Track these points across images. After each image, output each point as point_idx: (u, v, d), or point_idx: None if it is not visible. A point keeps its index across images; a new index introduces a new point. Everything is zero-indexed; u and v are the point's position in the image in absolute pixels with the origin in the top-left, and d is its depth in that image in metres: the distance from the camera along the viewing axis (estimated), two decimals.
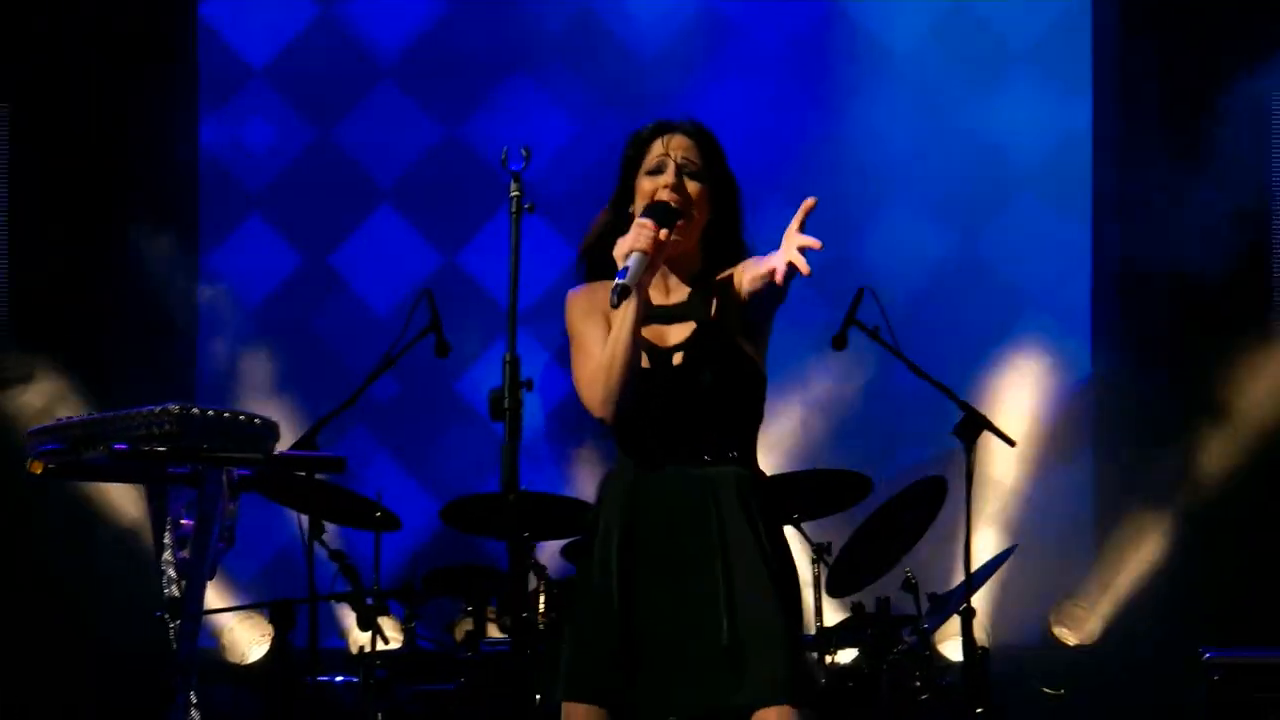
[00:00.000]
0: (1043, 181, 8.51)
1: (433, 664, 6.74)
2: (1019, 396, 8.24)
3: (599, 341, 4.10)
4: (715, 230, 4.20)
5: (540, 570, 6.59)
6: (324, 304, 8.60)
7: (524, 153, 3.94)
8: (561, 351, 8.04)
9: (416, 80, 8.74)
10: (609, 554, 4.06)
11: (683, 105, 4.38)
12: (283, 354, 8.39)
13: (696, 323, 4.14)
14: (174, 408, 4.32)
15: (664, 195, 4.10)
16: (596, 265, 4.24)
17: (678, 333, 4.14)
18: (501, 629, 6.64)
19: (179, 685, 4.40)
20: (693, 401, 4.08)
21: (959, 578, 6.31)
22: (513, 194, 3.93)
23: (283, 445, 4.69)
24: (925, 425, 7.43)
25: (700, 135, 4.21)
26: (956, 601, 6.32)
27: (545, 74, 8.63)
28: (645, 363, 4.08)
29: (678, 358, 4.10)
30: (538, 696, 4.65)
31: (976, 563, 6.29)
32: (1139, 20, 8.33)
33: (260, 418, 4.49)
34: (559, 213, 7.89)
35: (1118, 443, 8.34)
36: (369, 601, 6.39)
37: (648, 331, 4.10)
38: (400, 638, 6.74)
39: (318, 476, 6.17)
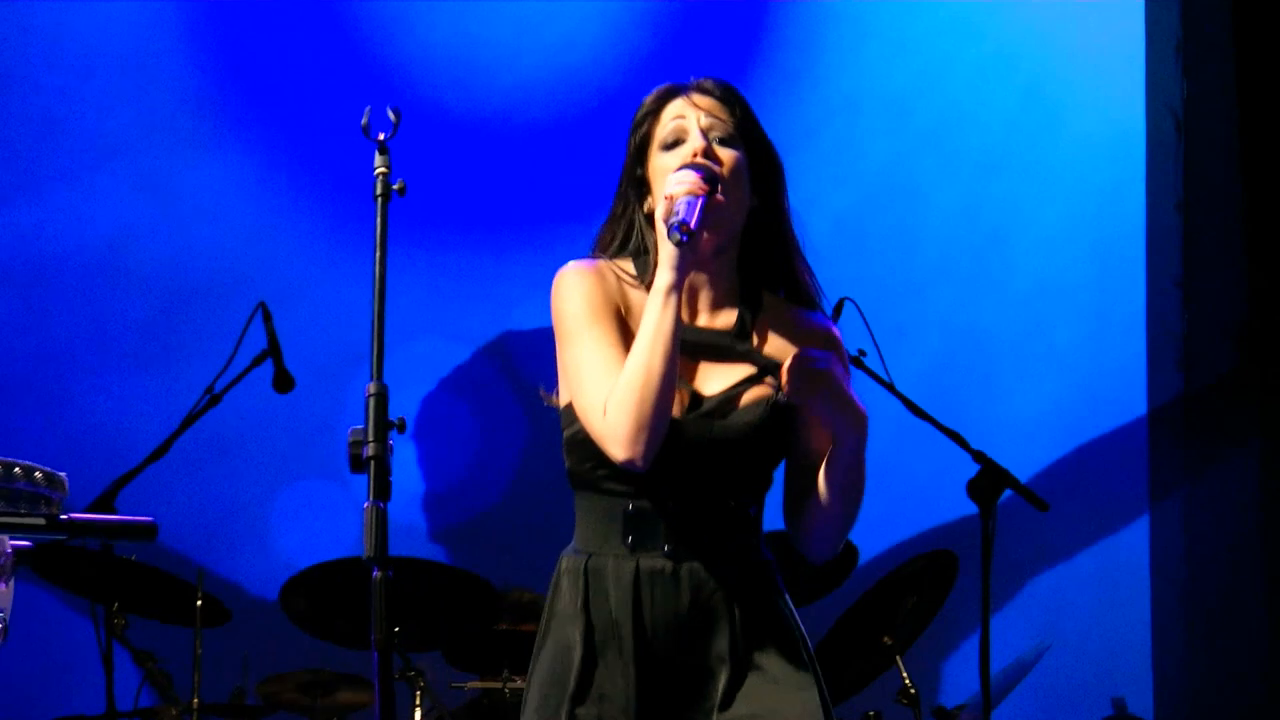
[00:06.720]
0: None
1: None
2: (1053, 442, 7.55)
3: (614, 347, 3.42)
4: (756, 227, 3.53)
5: (417, 676, 6.10)
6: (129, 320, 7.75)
7: (392, 116, 3.38)
8: (455, 380, 7.73)
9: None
10: (617, 668, 3.41)
11: None
12: (74, 392, 7.61)
13: (739, 370, 3.48)
14: None
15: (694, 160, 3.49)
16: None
17: (711, 376, 3.48)
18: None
19: None
20: (724, 475, 3.42)
21: (974, 685, 5.71)
22: (378, 170, 3.35)
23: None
24: (929, 482, 6.91)
25: (727, 94, 3.57)
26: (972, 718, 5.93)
27: None
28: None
29: (712, 411, 3.43)
30: None
31: (997, 665, 5.79)
32: None
33: (41, 469, 3.59)
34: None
35: (1186, 502, 7.52)
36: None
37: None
38: None
39: (119, 550, 6.11)
